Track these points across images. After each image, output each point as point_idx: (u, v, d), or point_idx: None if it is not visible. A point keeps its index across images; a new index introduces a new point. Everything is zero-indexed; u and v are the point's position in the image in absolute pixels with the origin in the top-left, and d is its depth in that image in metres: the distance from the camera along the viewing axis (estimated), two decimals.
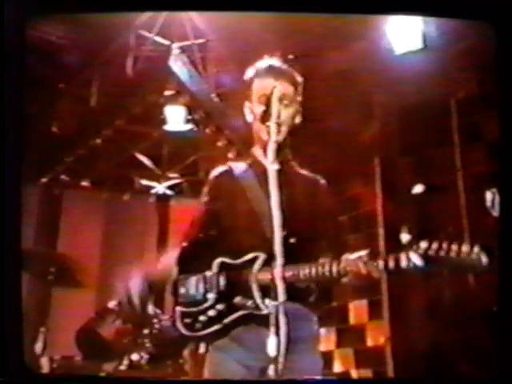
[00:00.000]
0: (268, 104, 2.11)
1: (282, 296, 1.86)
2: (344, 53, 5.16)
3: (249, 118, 2.32)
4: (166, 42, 5.25)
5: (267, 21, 4.42)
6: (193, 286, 2.16)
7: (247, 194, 2.22)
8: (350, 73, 5.38)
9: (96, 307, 5.55)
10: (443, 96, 5.73)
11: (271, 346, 1.85)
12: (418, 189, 6.35)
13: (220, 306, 2.10)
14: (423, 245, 1.89)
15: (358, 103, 5.88)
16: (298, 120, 2.32)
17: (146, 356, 4.46)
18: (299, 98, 2.31)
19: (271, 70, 2.29)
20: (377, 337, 6.74)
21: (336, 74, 5.41)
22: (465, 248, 1.86)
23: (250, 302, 2.06)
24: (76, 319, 4.95)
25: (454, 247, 1.86)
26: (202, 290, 2.15)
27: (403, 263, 1.91)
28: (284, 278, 1.91)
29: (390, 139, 6.39)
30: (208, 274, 2.15)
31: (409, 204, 6.45)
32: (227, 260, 2.16)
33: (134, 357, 4.43)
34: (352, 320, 7.08)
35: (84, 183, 7.39)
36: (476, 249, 1.84)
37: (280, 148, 2.14)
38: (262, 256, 2.09)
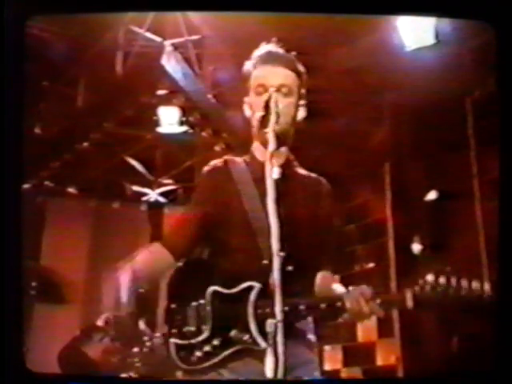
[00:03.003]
0: (267, 94, 2.06)
1: (279, 315, 1.83)
2: (351, 49, 5.14)
3: (247, 112, 2.27)
4: (158, 39, 5.22)
5: (267, 15, 4.39)
6: (186, 316, 2.12)
7: (243, 204, 2.17)
8: (358, 71, 5.36)
9: (82, 324, 5.52)
10: (458, 95, 5.70)
11: (269, 366, 1.82)
12: (431, 196, 6.31)
13: (216, 341, 2.06)
14: (430, 278, 1.89)
15: (366, 103, 5.86)
16: (301, 115, 2.26)
17: (135, 376, 4.42)
18: (303, 90, 2.26)
19: (269, 56, 2.22)
20: (387, 356, 6.70)
21: (342, 72, 5.39)
22: (475, 284, 1.85)
23: (246, 337, 2.03)
24: (60, 337, 4.91)
25: (464, 283, 1.86)
26: (195, 321, 2.10)
27: (409, 303, 1.91)
28: (282, 311, 1.87)
29: (400, 142, 6.36)
30: (201, 303, 2.11)
31: (421, 212, 6.42)
32: (221, 289, 2.11)
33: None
34: (360, 338, 7.05)
35: (70, 190, 7.36)
36: (487, 286, 1.85)
37: (281, 144, 2.09)
38: (257, 285, 2.05)
